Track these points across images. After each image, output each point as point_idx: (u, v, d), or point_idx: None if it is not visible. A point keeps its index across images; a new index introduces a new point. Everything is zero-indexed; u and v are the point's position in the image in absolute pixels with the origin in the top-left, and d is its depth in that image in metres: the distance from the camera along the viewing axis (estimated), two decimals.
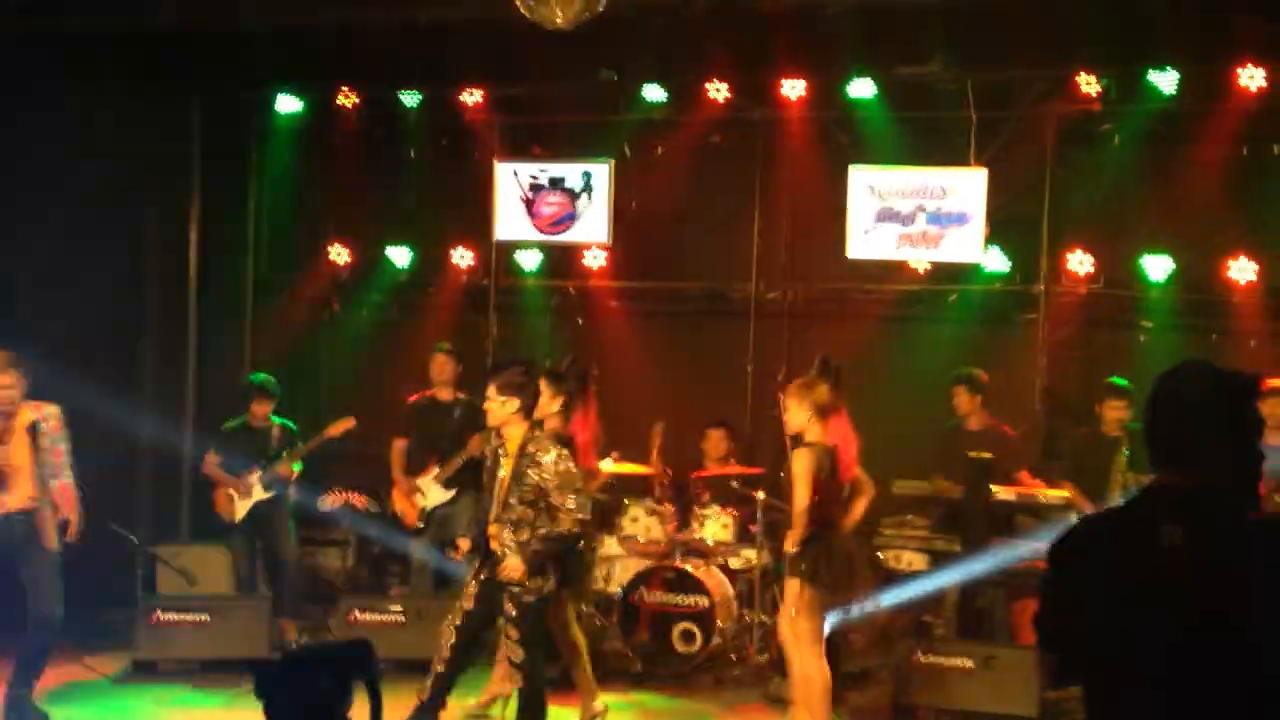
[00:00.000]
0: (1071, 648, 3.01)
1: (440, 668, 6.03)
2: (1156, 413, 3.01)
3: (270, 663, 2.78)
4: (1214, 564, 2.83)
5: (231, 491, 8.38)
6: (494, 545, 6.02)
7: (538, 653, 6.05)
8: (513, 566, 5.89)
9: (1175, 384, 3.01)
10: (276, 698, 2.67)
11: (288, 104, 9.91)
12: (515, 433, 6.03)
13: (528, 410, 6.06)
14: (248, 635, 7.67)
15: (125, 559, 8.42)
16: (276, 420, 8.52)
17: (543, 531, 5.94)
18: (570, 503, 5.92)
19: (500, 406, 6.01)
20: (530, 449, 5.97)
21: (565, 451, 6.07)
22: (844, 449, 6.39)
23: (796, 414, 6.33)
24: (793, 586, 6.26)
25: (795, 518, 6.23)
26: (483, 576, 6.05)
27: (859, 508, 6.71)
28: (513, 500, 5.97)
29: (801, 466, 6.21)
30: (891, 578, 8.30)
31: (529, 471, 5.94)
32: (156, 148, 9.48)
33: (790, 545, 6.25)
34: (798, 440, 6.37)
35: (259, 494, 8.35)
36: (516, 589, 5.94)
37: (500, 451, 6.10)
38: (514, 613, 5.96)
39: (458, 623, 6.04)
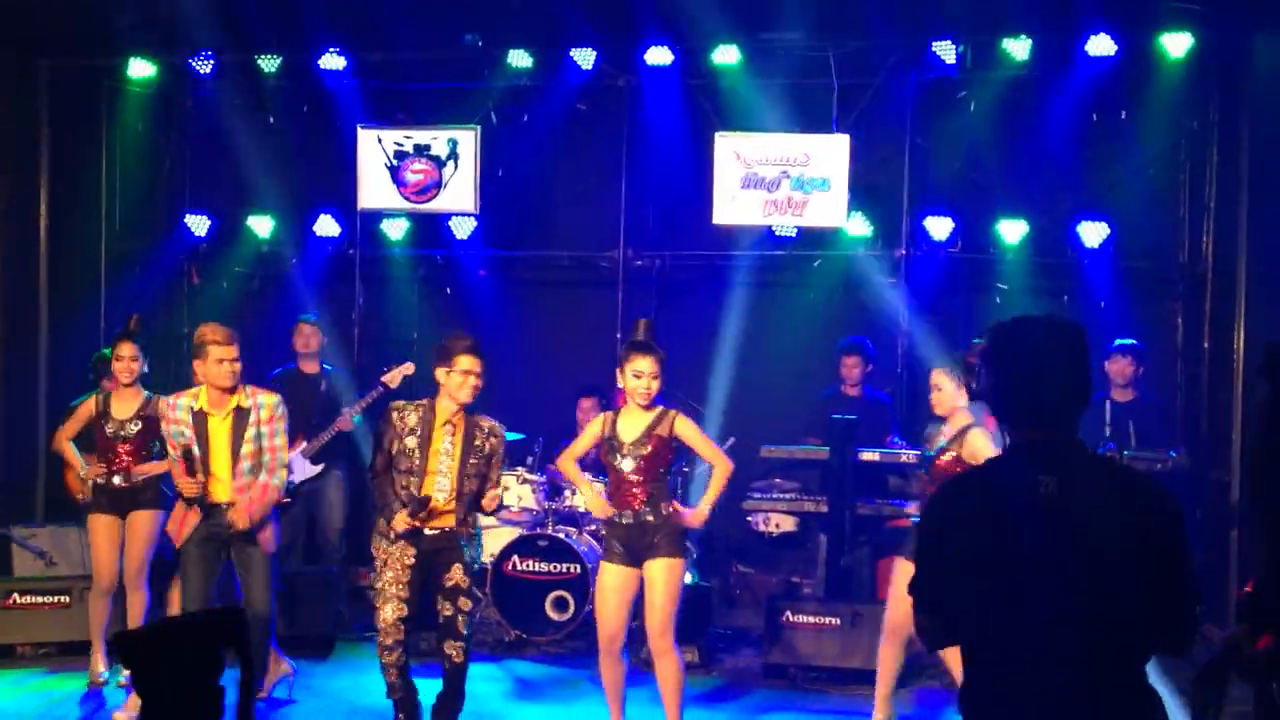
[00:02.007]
0: (952, 607, 3.07)
1: (401, 662, 5.80)
2: (1016, 372, 3.07)
3: (139, 632, 2.71)
4: (1089, 509, 2.95)
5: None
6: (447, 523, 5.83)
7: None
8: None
9: (1031, 343, 3.08)
10: (146, 666, 2.61)
11: (140, 69, 9.59)
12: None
13: None
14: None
15: None
16: None
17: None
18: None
19: (481, 383, 5.84)
20: (484, 424, 5.88)
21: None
22: None
23: None
24: None
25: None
26: (411, 559, 5.78)
27: None
28: (471, 473, 5.83)
29: None
30: (761, 540, 8.47)
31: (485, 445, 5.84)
32: (3, 116, 9.14)
33: None
34: None
35: None
36: (470, 559, 5.85)
37: (444, 429, 5.81)
38: (468, 583, 5.84)
39: (399, 615, 5.75)
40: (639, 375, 5.73)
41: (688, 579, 6.12)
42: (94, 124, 9.63)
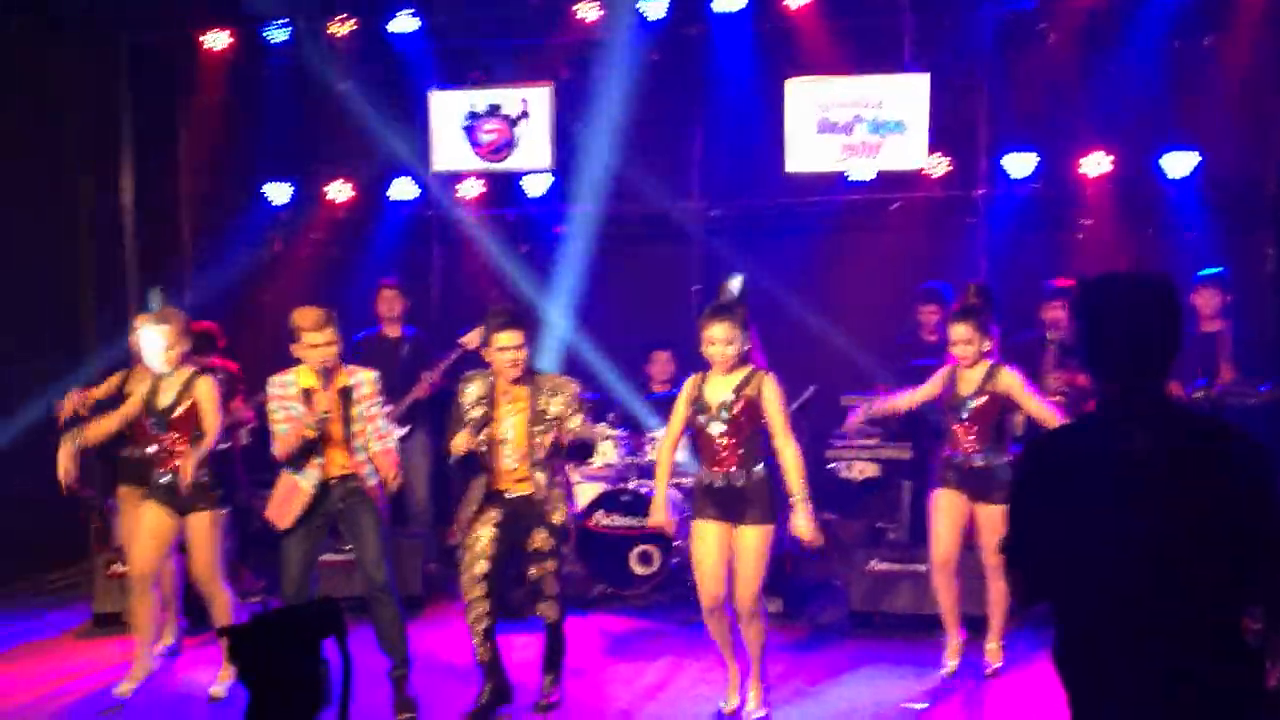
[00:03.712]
0: (1045, 564, 3.07)
1: (484, 624, 5.94)
2: (1106, 328, 3.07)
3: (243, 628, 2.77)
4: (1179, 467, 2.95)
5: None
6: (525, 489, 5.94)
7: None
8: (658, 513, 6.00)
9: (1121, 299, 3.09)
10: (251, 659, 2.68)
11: (217, 40, 9.72)
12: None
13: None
14: None
15: (79, 514, 8.42)
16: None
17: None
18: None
19: (528, 353, 5.92)
20: (546, 385, 5.95)
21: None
22: None
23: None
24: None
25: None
26: (496, 521, 5.95)
27: None
28: (540, 438, 5.90)
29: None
30: (844, 486, 8.44)
31: (551, 404, 5.91)
32: (84, 94, 9.32)
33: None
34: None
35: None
36: (556, 519, 5.94)
37: (504, 398, 5.94)
38: (551, 544, 5.93)
39: (485, 570, 5.91)
40: (711, 343, 5.63)
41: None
42: (173, 98, 9.80)
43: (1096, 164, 8.69)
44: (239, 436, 8.03)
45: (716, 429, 5.69)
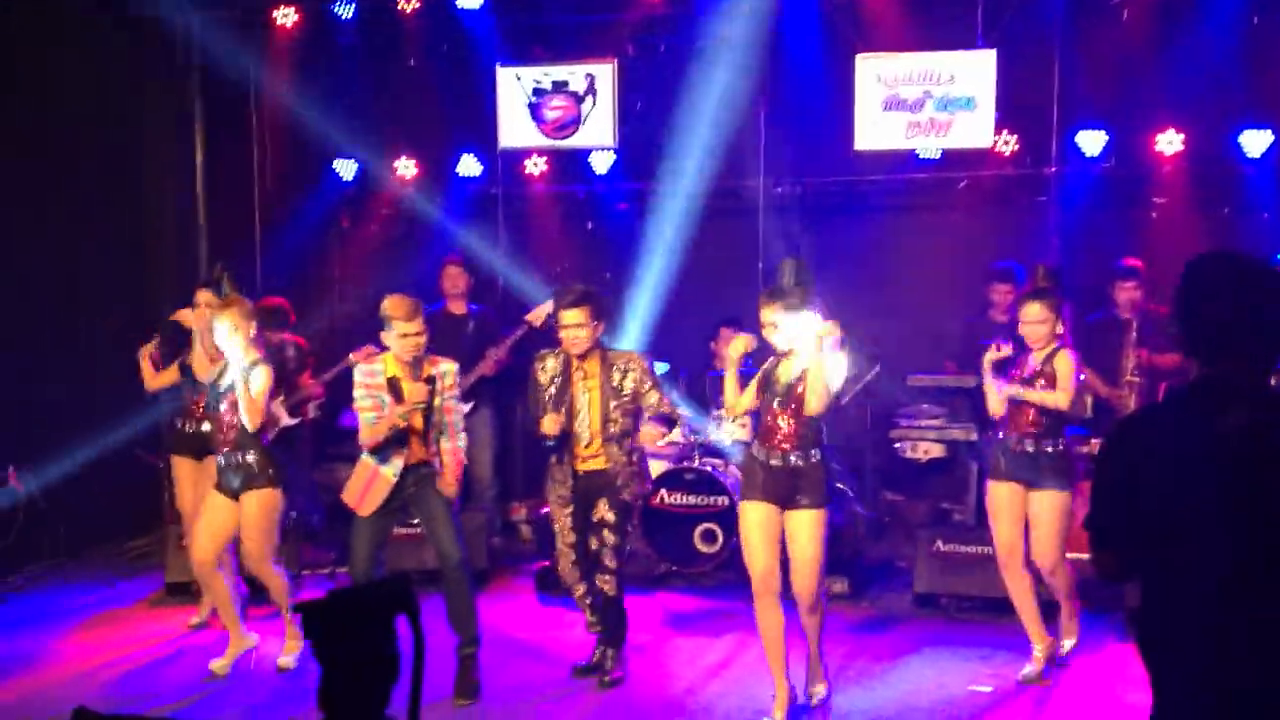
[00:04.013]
0: (1131, 543, 3.05)
1: (590, 599, 6.24)
2: (1207, 307, 3.03)
3: (317, 605, 2.79)
4: (1273, 450, 2.90)
5: None
6: (598, 464, 6.11)
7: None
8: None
9: (1224, 278, 3.04)
10: (324, 636, 2.70)
11: (285, 17, 9.77)
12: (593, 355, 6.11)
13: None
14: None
15: (152, 485, 8.56)
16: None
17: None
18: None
19: (594, 331, 6.04)
20: (618, 361, 6.09)
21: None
22: None
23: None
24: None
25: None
26: (571, 511, 6.15)
27: None
28: (614, 414, 6.06)
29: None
30: (909, 467, 8.40)
31: (624, 382, 6.05)
32: (157, 70, 9.43)
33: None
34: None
35: (284, 419, 8.21)
36: (623, 494, 6.11)
37: (578, 375, 6.09)
38: (615, 518, 6.11)
39: (574, 558, 6.20)
40: (764, 325, 5.66)
41: None
42: (243, 76, 9.85)
43: (1169, 142, 8.54)
44: (307, 410, 8.13)
45: (778, 407, 5.68)
